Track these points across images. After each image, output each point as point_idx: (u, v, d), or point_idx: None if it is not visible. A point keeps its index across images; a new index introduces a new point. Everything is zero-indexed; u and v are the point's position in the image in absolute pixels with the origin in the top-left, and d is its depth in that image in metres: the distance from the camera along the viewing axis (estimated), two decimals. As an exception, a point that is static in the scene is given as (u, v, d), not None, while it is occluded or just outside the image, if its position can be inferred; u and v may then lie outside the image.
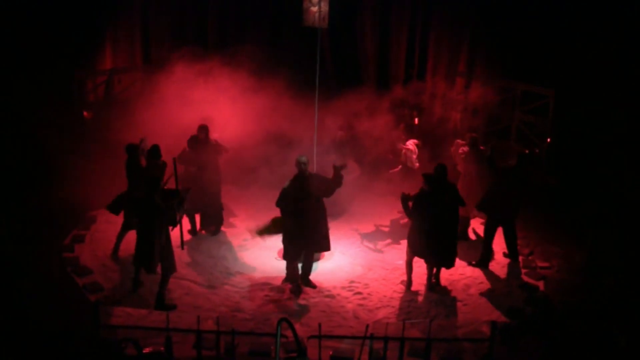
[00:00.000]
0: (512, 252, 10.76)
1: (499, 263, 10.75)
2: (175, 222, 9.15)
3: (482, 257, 10.66)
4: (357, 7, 16.93)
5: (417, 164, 12.11)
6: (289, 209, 9.37)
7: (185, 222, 10.64)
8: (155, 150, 10.42)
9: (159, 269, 9.08)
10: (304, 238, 9.48)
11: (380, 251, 11.22)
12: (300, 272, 9.79)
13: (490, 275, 10.40)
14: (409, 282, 9.85)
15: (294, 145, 11.84)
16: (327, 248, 9.85)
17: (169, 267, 9.10)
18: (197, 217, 11.57)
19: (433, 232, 9.28)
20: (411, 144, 12.25)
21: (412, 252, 9.67)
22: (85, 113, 15.58)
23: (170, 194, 9.29)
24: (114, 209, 10.48)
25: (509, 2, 15.49)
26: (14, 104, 13.49)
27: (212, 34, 16.78)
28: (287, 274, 9.77)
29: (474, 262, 10.64)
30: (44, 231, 11.12)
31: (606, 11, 13.94)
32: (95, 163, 13.19)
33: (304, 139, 11.63)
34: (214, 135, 11.29)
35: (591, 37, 14.11)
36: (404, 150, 12.18)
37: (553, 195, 13.39)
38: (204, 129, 11.06)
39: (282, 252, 9.90)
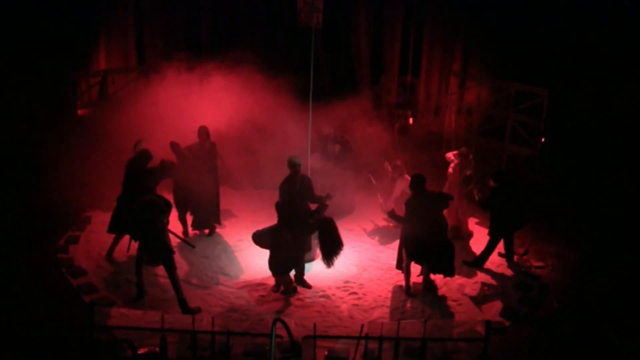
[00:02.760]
0: (508, 252, 10.79)
1: (494, 263, 10.75)
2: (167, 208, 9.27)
3: (478, 258, 10.68)
4: (350, 8, 16.97)
5: None
6: (285, 210, 9.39)
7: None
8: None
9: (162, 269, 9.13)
10: (297, 247, 9.47)
11: (375, 251, 11.22)
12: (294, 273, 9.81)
13: (485, 274, 10.41)
14: (407, 287, 9.78)
15: (288, 146, 11.84)
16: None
17: (172, 263, 9.07)
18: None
19: (423, 235, 9.31)
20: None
21: (408, 257, 9.68)
22: (79, 113, 15.56)
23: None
24: (114, 229, 10.37)
25: (503, 2, 15.53)
26: (8, 104, 13.46)
27: (206, 35, 16.79)
28: (283, 285, 9.65)
29: (468, 262, 10.66)
30: (38, 232, 11.11)
31: (600, 11, 13.99)
32: (90, 164, 13.16)
33: (298, 140, 11.63)
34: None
35: (585, 36, 14.16)
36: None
37: (547, 195, 13.42)
38: (203, 131, 11.06)
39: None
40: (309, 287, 9.75)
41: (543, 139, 14.49)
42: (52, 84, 14.47)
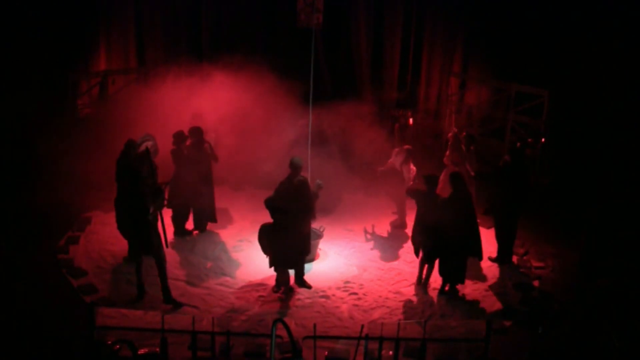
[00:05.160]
0: (508, 251, 10.79)
1: (494, 264, 10.75)
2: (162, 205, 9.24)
3: (499, 253, 10.75)
4: (350, 8, 16.98)
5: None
6: (277, 209, 9.37)
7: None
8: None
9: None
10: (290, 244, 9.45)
11: (375, 252, 11.22)
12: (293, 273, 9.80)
13: (485, 275, 10.42)
14: (419, 277, 9.90)
15: (288, 147, 11.86)
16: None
17: (162, 256, 9.10)
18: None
19: (434, 238, 9.32)
20: (413, 169, 11.91)
21: (423, 253, 9.73)
22: (79, 114, 15.57)
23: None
24: (133, 256, 10.17)
25: (503, 3, 15.55)
26: (7, 105, 13.46)
27: (206, 36, 16.80)
28: (277, 279, 9.70)
29: (493, 258, 10.77)
30: (39, 232, 11.10)
31: (600, 12, 14.00)
32: (90, 164, 13.16)
33: (298, 140, 11.66)
34: (209, 136, 11.30)
35: (585, 37, 14.17)
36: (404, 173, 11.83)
37: (547, 196, 13.43)
38: (196, 131, 11.04)
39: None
40: (309, 287, 9.74)
41: (543, 140, 14.49)
42: (52, 84, 14.47)
